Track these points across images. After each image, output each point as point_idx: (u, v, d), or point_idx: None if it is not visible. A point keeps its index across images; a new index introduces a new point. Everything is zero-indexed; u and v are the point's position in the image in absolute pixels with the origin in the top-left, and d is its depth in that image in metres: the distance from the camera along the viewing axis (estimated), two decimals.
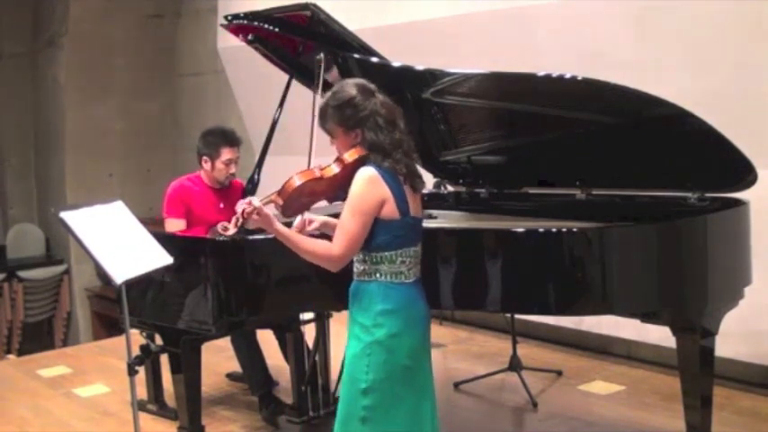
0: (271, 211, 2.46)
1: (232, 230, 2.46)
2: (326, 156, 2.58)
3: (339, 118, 2.42)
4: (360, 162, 2.40)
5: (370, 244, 2.37)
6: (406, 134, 2.46)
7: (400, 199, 2.36)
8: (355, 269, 2.46)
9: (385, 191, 2.34)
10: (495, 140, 3.69)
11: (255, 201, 2.42)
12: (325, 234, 2.59)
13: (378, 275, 2.39)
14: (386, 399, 2.37)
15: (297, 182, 2.43)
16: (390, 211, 2.35)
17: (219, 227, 2.48)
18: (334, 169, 2.44)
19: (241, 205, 2.42)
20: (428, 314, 2.51)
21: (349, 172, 2.41)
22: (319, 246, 2.41)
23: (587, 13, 4.40)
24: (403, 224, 2.38)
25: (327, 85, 3.76)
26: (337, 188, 2.49)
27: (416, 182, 2.44)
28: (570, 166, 3.51)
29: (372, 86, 2.47)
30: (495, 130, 3.69)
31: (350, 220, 2.33)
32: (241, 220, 2.43)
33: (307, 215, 2.61)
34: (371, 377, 2.36)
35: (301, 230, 2.57)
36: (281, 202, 2.43)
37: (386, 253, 2.38)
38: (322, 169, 2.46)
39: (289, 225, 2.56)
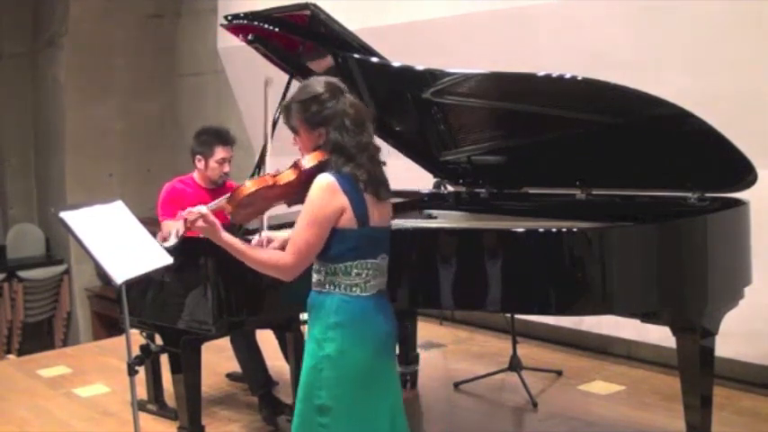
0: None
1: (172, 240, 2.38)
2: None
3: (303, 114, 2.33)
4: (318, 168, 2.30)
5: (326, 254, 2.28)
6: (374, 139, 2.35)
7: (359, 208, 2.26)
8: (312, 279, 2.37)
9: (343, 200, 2.24)
10: (496, 140, 3.69)
11: (203, 208, 2.34)
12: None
13: (332, 287, 2.30)
14: (342, 415, 2.29)
15: (248, 189, 2.35)
16: (348, 220, 2.25)
17: (159, 236, 2.41)
18: (289, 176, 2.35)
19: (188, 213, 2.34)
20: (389, 329, 2.39)
21: (306, 178, 2.31)
22: (270, 256, 2.33)
23: (587, 13, 4.40)
24: (360, 235, 2.27)
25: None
26: (293, 194, 2.41)
27: (380, 190, 2.32)
28: (570, 166, 3.51)
29: (343, 85, 2.37)
30: (495, 130, 3.69)
31: (304, 229, 2.25)
32: (182, 230, 2.35)
33: (265, 234, 2.53)
34: (325, 393, 2.28)
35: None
36: (229, 209, 2.37)
37: (341, 264, 2.28)
38: (275, 176, 2.38)
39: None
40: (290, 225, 2.37)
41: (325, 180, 2.25)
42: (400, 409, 2.42)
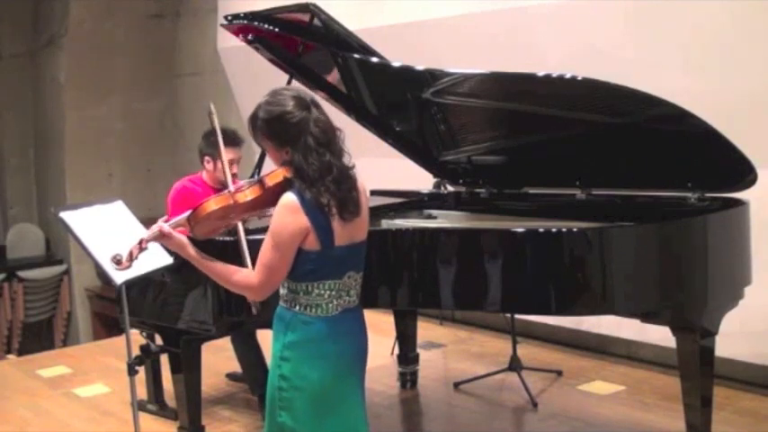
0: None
1: (125, 264, 2.31)
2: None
3: (268, 133, 2.25)
4: (285, 185, 2.24)
5: (290, 272, 2.23)
6: (341, 157, 2.25)
7: (322, 230, 2.18)
8: (280, 293, 2.32)
9: (305, 221, 2.16)
10: (495, 140, 3.69)
11: (165, 226, 2.30)
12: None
13: (293, 305, 2.26)
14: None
15: (209, 208, 2.31)
16: (311, 242, 2.18)
17: (112, 259, 2.33)
18: (251, 194, 2.30)
19: (147, 233, 2.32)
20: (352, 350, 2.32)
21: (271, 194, 2.25)
22: (239, 275, 2.28)
23: (587, 13, 4.40)
24: (322, 256, 2.21)
25: (329, 86, 3.77)
26: (257, 210, 2.37)
27: (346, 211, 2.22)
28: (570, 166, 3.51)
29: (309, 99, 2.25)
30: (495, 130, 3.69)
31: (269, 250, 2.19)
32: (137, 252, 2.31)
33: None
34: (285, 414, 2.25)
35: None
36: (188, 228, 2.33)
37: (302, 284, 2.23)
38: (237, 194, 2.33)
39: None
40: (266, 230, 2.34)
41: (287, 201, 2.19)
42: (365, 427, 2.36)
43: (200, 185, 3.94)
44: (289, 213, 2.18)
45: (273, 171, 2.29)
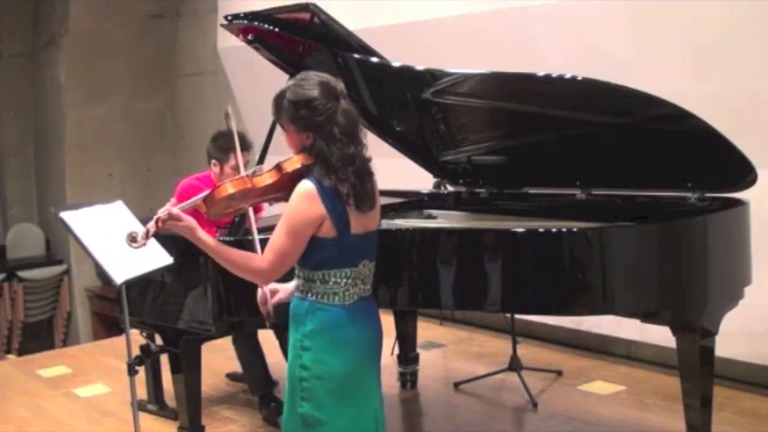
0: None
1: (141, 242, 2.32)
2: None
3: (293, 116, 2.22)
4: (301, 172, 2.24)
5: (304, 261, 2.25)
6: (364, 149, 2.26)
7: (338, 219, 2.19)
8: (294, 284, 2.34)
9: (321, 209, 2.17)
10: (495, 140, 3.69)
11: (174, 209, 2.31)
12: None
13: (309, 294, 2.27)
14: (325, 425, 2.25)
15: (226, 191, 2.32)
16: (327, 229, 2.19)
17: (127, 237, 2.34)
18: (268, 179, 2.31)
19: (161, 212, 2.32)
20: (369, 336, 2.35)
21: (288, 180, 2.26)
22: (247, 259, 2.30)
23: (587, 13, 4.40)
24: (338, 244, 2.21)
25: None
26: (273, 194, 2.37)
27: (363, 203, 2.23)
28: (570, 166, 3.51)
29: (339, 88, 2.24)
30: (495, 130, 3.69)
31: (282, 235, 2.20)
32: (153, 230, 2.32)
33: (267, 287, 2.47)
34: (307, 404, 2.25)
35: (264, 304, 2.46)
36: (204, 208, 2.35)
37: (318, 272, 2.24)
38: (255, 177, 2.34)
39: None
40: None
41: (304, 188, 2.19)
42: (382, 419, 2.38)
43: (208, 184, 3.94)
44: (306, 200, 2.18)
45: (290, 158, 2.29)
